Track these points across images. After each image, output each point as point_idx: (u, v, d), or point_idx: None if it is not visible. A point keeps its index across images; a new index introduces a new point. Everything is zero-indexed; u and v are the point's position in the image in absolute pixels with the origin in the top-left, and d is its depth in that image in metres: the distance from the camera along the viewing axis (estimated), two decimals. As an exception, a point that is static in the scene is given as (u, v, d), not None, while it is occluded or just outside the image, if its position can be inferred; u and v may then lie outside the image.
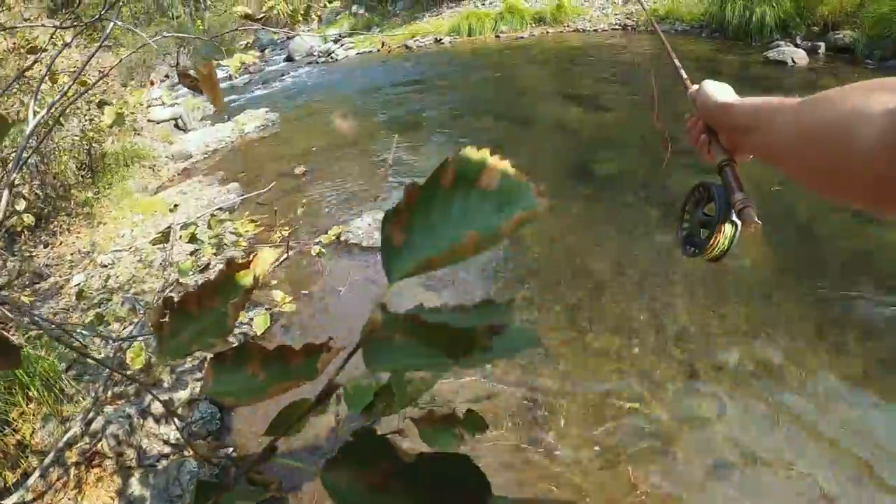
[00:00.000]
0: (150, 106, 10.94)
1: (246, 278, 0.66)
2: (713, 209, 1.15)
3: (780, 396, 3.43)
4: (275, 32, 6.00)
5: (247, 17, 2.74)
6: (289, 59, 17.50)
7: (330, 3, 3.64)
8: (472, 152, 0.48)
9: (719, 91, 1.12)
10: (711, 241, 1.14)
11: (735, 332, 3.97)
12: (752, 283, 4.47)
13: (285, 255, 3.48)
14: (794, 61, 10.07)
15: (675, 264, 4.70)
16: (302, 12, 3.19)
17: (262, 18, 2.83)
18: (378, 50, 15.19)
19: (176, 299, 0.67)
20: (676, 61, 1.55)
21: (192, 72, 1.59)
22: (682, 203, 1.28)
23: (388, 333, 0.42)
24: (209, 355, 0.61)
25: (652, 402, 3.47)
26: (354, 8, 22.51)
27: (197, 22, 21.16)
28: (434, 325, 0.35)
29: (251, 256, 0.67)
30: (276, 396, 0.56)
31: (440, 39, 14.74)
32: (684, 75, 1.45)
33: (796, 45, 10.78)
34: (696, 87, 1.20)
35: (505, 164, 0.48)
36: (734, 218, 1.10)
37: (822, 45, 10.72)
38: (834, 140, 0.74)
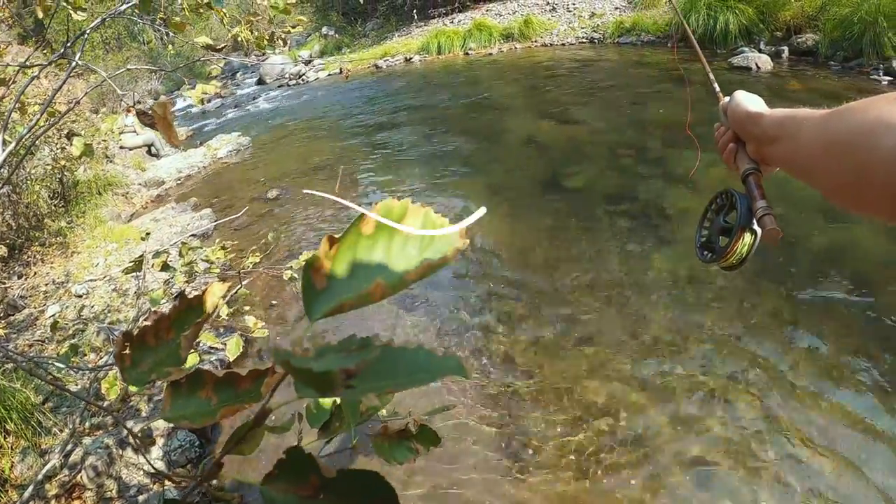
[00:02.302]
0: (122, 133, 10.91)
1: (196, 312, 0.71)
2: (734, 217, 1.17)
3: (759, 398, 3.51)
4: (243, 61, 6.05)
5: (208, 47, 2.78)
6: (260, 82, 17.53)
7: (293, 28, 3.66)
8: (393, 202, 0.54)
9: (750, 101, 1.13)
10: (730, 249, 1.16)
11: (710, 337, 4.04)
12: (725, 287, 4.56)
13: (239, 286, 3.50)
14: (758, 66, 10.29)
15: (647, 273, 4.78)
16: (267, 38, 3.24)
17: (223, 48, 2.87)
18: (349, 70, 15.26)
19: (135, 332, 0.72)
20: (710, 74, 1.59)
21: (149, 110, 1.63)
22: (704, 209, 1.31)
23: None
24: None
25: (628, 410, 3.53)
26: (324, 29, 22.60)
27: (168, 47, 21.11)
28: (300, 369, 0.41)
29: (204, 290, 0.72)
30: (227, 418, 0.61)
31: (410, 58, 14.84)
32: (716, 87, 1.47)
33: (760, 51, 11.05)
34: (727, 98, 1.22)
35: (426, 210, 0.54)
36: (755, 226, 1.13)
37: (786, 49, 11.00)
38: (856, 149, 0.74)
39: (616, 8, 15.00)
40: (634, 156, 7.14)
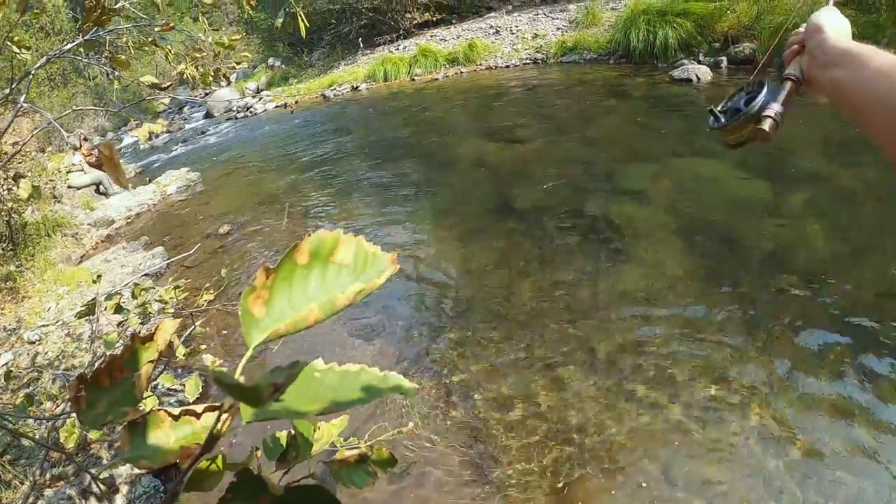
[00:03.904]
0: (69, 172, 10.75)
1: (149, 351, 0.74)
2: (753, 106, 1.22)
3: (720, 408, 3.59)
4: (190, 100, 6.03)
5: (154, 86, 2.80)
6: (208, 115, 17.42)
7: (238, 64, 3.68)
8: (325, 232, 0.59)
9: (829, 20, 1.12)
10: (736, 127, 1.23)
11: (667, 342, 4.14)
12: (678, 293, 4.66)
13: (193, 325, 3.50)
14: (698, 77, 10.57)
15: (601, 286, 4.87)
16: (212, 74, 3.26)
17: (168, 87, 2.89)
18: (297, 102, 15.24)
19: (89, 375, 0.75)
20: None
21: (94, 150, 1.64)
22: (738, 87, 1.35)
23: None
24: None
25: (591, 426, 3.57)
26: (271, 60, 22.60)
27: (115, 82, 20.89)
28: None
29: (155, 328, 0.75)
30: (186, 455, 0.64)
31: (357, 87, 14.89)
32: None
33: (699, 62, 11.34)
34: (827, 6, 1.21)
35: (358, 239, 0.59)
36: (760, 121, 1.18)
37: (724, 58, 11.36)
38: None
39: (558, 28, 15.23)
40: (582, 172, 7.27)
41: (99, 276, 4.29)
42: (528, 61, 14.29)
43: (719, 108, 1.37)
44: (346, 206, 7.34)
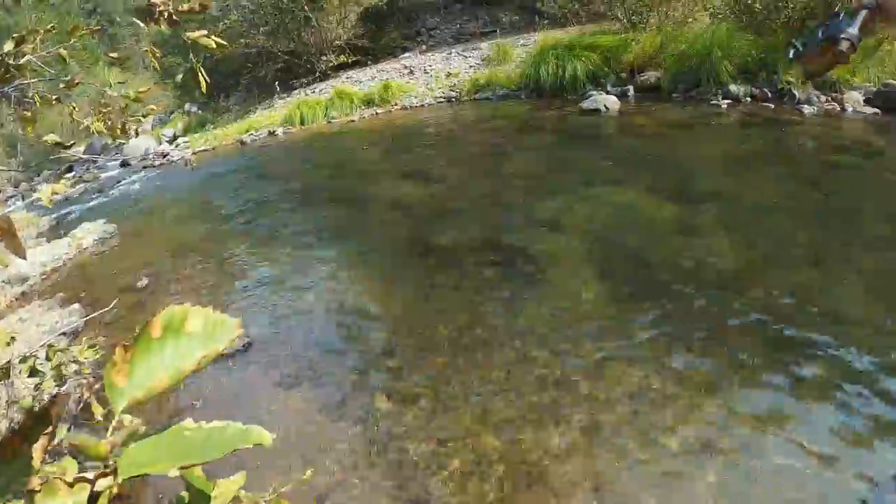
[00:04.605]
0: (-22, 231, 10.38)
1: (44, 423, 0.81)
2: (830, 31, 1.33)
3: (643, 414, 3.79)
4: (93, 158, 5.97)
5: (57, 144, 2.81)
6: (125, 164, 17.08)
7: (145, 117, 3.71)
8: (175, 308, 0.69)
9: None
10: (815, 54, 1.33)
11: (589, 365, 4.32)
12: (596, 315, 4.88)
13: (87, 396, 3.48)
14: (606, 107, 11.09)
15: (521, 317, 5.03)
16: (119, 128, 3.27)
17: (72, 145, 2.91)
18: (214, 148, 15.12)
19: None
20: None
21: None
22: (818, 23, 1.46)
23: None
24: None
25: (517, 450, 3.68)
26: (187, 106, 22.38)
27: (28, 128, 20.33)
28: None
29: (49, 402, 0.82)
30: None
31: (274, 131, 14.84)
32: None
33: (608, 92, 11.90)
34: None
35: (206, 311, 0.70)
36: (836, 45, 1.29)
37: (631, 88, 12.07)
38: None
39: (471, 66, 15.60)
40: (498, 207, 7.47)
41: (13, 338, 4.22)
42: (442, 100, 14.60)
43: (798, 41, 1.49)
44: (266, 254, 7.34)
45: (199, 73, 2.52)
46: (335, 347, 5.19)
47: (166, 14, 2.08)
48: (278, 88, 17.64)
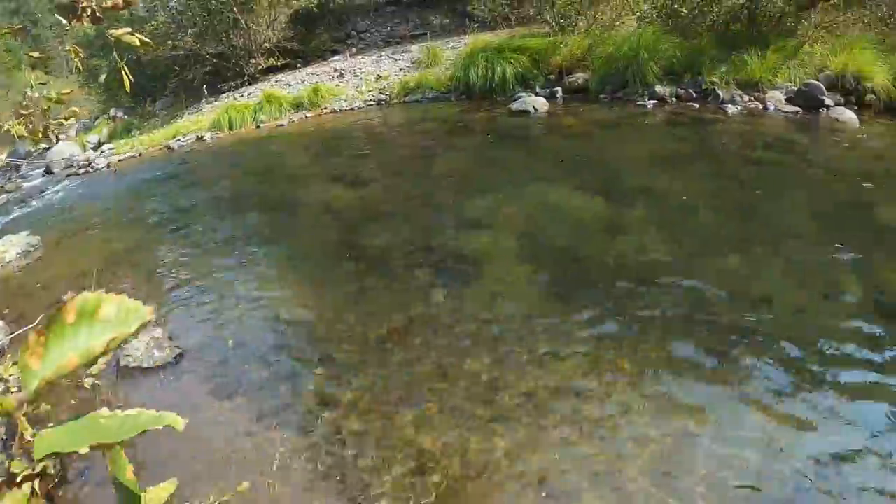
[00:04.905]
0: None
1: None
2: None
3: (579, 411, 3.94)
4: (17, 161, 5.77)
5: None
6: (48, 171, 16.59)
7: (67, 119, 3.63)
8: (89, 294, 0.72)
9: None
10: None
11: (525, 362, 4.46)
12: (529, 313, 5.03)
13: (37, 405, 3.43)
14: (535, 108, 11.39)
15: (453, 317, 5.15)
16: (41, 131, 3.21)
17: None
18: (140, 154, 14.81)
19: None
20: None
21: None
22: None
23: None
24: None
25: (454, 449, 3.78)
26: (113, 111, 21.84)
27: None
28: None
29: None
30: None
31: (202, 136, 14.58)
32: None
33: (536, 94, 12.16)
34: None
35: (120, 298, 0.73)
36: None
37: (559, 89, 12.39)
38: None
39: (401, 69, 15.65)
40: (428, 208, 7.55)
41: (-66, 359, 4.11)
42: (371, 103, 14.62)
43: None
44: (196, 262, 7.27)
45: (123, 72, 2.49)
46: (269, 355, 5.17)
47: (90, 10, 2.07)
48: (206, 92, 17.35)
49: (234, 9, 16.64)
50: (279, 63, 17.66)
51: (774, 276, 5.25)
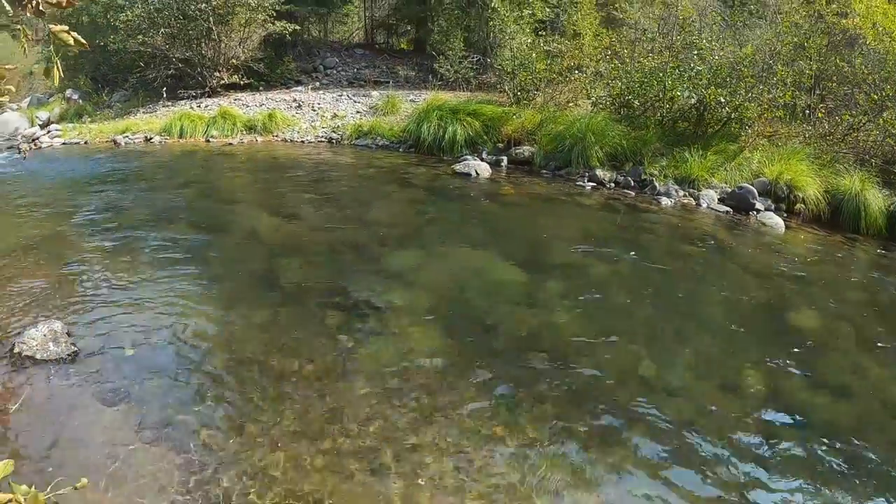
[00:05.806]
0: None
1: None
2: None
3: (464, 470, 4.06)
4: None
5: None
6: (-11, 140, 16.18)
7: (2, 95, 3.64)
8: None
9: None
10: None
11: (417, 419, 4.56)
12: (432, 371, 5.18)
13: None
14: (477, 173, 11.82)
15: (354, 363, 5.26)
16: None
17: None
18: (86, 142, 14.61)
19: None
20: None
21: None
22: None
23: None
24: None
25: (344, 490, 3.86)
26: (68, 92, 21.44)
27: None
28: None
29: None
30: None
31: (150, 138, 14.52)
32: None
33: (482, 159, 12.57)
34: None
35: None
36: None
37: (505, 158, 12.90)
38: None
39: (358, 112, 15.95)
40: (353, 253, 7.69)
41: None
42: (323, 139, 14.90)
43: None
44: (113, 264, 7.18)
45: (56, 66, 2.57)
46: (165, 369, 5.12)
47: (35, 2, 2.17)
48: (165, 95, 17.28)
49: (211, 19, 16.70)
50: (242, 82, 17.71)
51: (678, 365, 5.50)
